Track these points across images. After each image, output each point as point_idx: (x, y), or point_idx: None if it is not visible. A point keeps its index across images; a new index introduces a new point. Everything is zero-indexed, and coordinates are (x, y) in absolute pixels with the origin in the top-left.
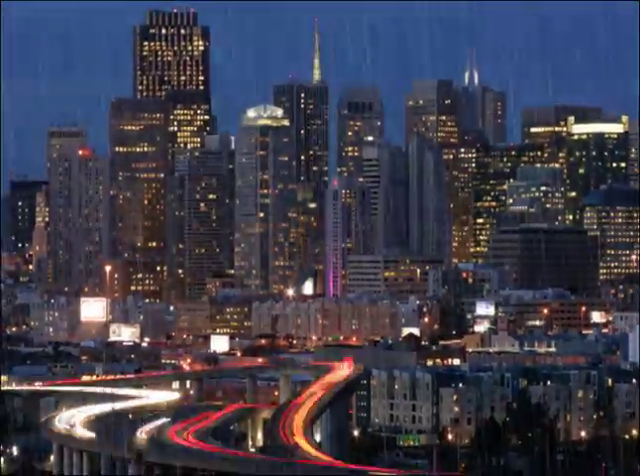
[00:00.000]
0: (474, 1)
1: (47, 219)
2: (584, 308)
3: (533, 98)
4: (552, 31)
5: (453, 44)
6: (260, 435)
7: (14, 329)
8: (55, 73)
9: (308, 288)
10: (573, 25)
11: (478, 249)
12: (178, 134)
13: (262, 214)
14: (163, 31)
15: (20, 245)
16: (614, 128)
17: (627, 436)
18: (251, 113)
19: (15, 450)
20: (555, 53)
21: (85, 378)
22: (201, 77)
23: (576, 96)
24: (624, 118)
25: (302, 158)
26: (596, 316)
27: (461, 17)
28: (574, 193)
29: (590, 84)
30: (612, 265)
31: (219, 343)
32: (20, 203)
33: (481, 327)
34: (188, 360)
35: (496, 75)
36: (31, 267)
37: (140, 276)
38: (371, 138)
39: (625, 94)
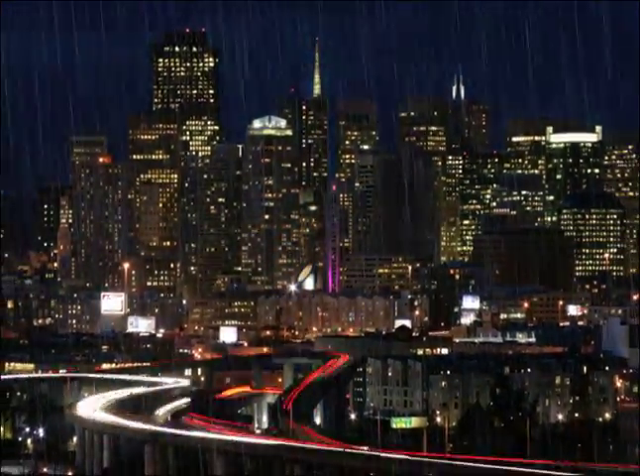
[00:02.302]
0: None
1: (70, 221)
2: (561, 302)
3: (515, 110)
4: (532, 45)
5: (442, 60)
6: (265, 418)
7: (40, 321)
8: (78, 88)
9: (309, 283)
10: (550, 39)
11: (464, 248)
12: (190, 143)
13: (266, 216)
14: (177, 49)
15: (45, 244)
16: (589, 137)
17: (601, 419)
18: (256, 124)
19: (41, 432)
20: (535, 66)
21: (105, 366)
22: (211, 91)
23: (554, 108)
24: (598, 128)
25: (304, 164)
26: (572, 309)
27: (450, 36)
28: (552, 197)
29: (567, 97)
30: (587, 263)
31: (228, 334)
32: (46, 206)
33: (467, 320)
34: (200, 349)
35: (482, 89)
36: (55, 264)
37: (155, 272)
38: (366, 146)
39: (600, 105)
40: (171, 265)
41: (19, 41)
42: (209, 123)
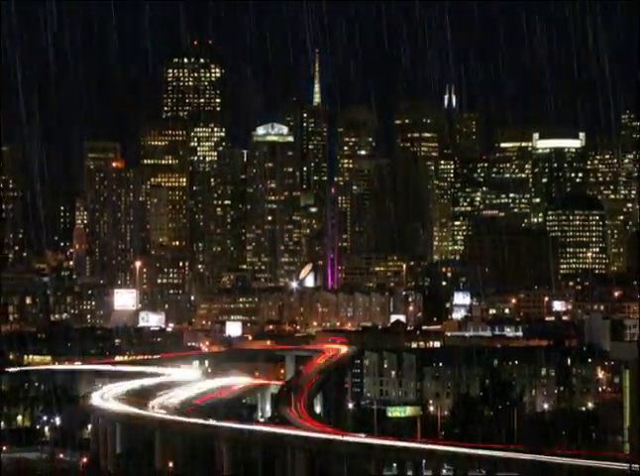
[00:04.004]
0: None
1: (85, 222)
2: (546, 298)
3: (503, 117)
4: (520, 57)
5: (435, 71)
6: (268, 407)
7: (57, 316)
8: (94, 96)
9: (310, 281)
10: (537, 51)
11: (455, 247)
12: (198, 148)
13: (270, 217)
14: (185, 60)
15: (62, 244)
16: (573, 143)
17: (583, 408)
18: (260, 130)
19: (57, 420)
20: (522, 76)
21: (118, 358)
22: (218, 100)
23: (539, 115)
24: (581, 135)
25: (304, 169)
26: (557, 305)
27: (443, 48)
28: (538, 200)
29: (552, 104)
30: (571, 261)
31: (233, 328)
32: (62, 208)
33: (459, 314)
34: (207, 342)
35: (473, 98)
36: (71, 262)
37: (165, 270)
38: (364, 152)
39: (583, 113)
40: (180, 263)
41: (36, 51)
42: (215, 130)
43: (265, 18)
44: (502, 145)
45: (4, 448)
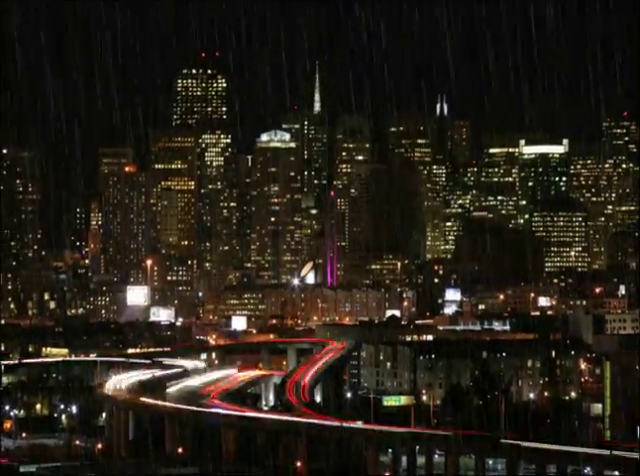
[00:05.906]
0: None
1: (99, 223)
2: (532, 295)
3: (492, 124)
4: (508, 66)
5: (428, 81)
6: (271, 396)
7: (73, 311)
8: (109, 105)
9: (310, 278)
10: (526, 61)
11: (447, 247)
12: (206, 154)
13: (273, 218)
14: (194, 71)
15: (78, 243)
16: (557, 149)
17: (567, 398)
18: (264, 137)
19: (74, 409)
20: (511, 85)
21: (130, 350)
22: (224, 109)
23: (526, 123)
24: (565, 141)
25: (305, 173)
26: (542, 301)
27: (435, 59)
28: (524, 202)
29: (537, 112)
30: (555, 259)
31: (238, 322)
32: (78, 210)
33: (450, 310)
34: (214, 336)
35: (463, 106)
36: (87, 261)
37: (175, 268)
38: (361, 157)
39: (567, 120)
40: (189, 261)
41: (53, 60)
42: (222, 136)
43: (267, 32)
44: (491, 150)
45: (24, 435)
